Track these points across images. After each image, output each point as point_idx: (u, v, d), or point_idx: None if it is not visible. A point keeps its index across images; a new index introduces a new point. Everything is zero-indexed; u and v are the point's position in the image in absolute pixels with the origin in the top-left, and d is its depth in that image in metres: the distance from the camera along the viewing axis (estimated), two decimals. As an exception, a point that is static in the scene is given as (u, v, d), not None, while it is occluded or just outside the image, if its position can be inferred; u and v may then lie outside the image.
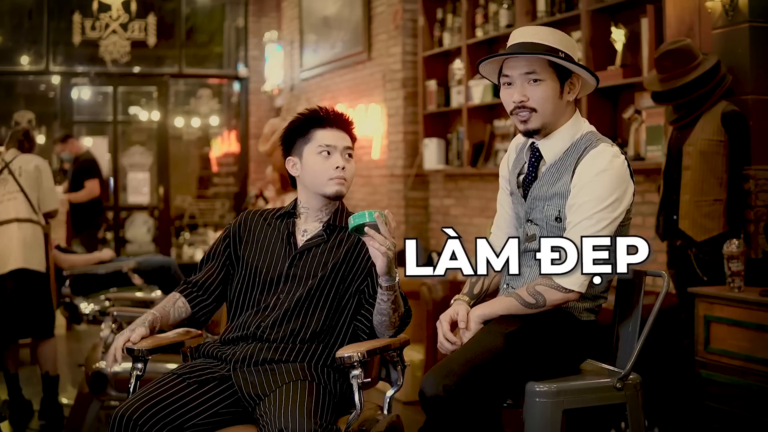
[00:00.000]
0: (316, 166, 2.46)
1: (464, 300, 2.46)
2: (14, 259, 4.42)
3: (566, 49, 2.34)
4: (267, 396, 2.26)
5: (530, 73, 2.33)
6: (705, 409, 3.20)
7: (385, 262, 2.25)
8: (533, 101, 2.35)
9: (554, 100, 2.35)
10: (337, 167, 2.44)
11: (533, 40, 2.33)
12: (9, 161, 4.61)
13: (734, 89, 3.46)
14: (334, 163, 2.45)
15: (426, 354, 4.99)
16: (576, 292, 2.26)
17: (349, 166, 2.48)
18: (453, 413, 2.15)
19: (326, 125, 2.48)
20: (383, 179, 6.84)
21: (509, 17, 5.35)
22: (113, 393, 3.40)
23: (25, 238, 4.46)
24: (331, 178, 2.45)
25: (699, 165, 3.41)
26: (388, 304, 2.33)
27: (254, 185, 9.20)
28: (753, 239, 3.35)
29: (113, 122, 10.14)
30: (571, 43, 2.37)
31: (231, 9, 10.34)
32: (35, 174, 4.60)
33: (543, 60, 2.32)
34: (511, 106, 2.38)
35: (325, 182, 2.46)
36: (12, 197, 4.51)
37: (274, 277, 2.44)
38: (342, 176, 2.45)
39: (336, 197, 2.48)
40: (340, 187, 2.46)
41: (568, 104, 2.38)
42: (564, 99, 2.37)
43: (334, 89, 7.88)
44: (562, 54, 2.31)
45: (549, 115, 2.37)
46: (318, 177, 2.46)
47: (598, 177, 2.27)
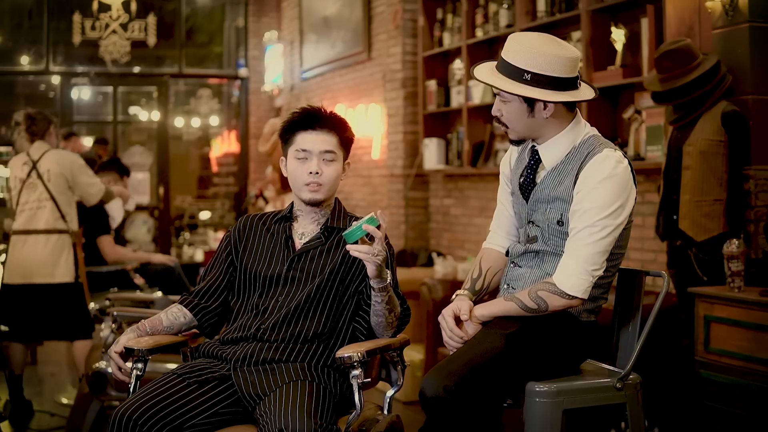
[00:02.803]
0: (294, 170, 2.45)
1: (466, 295, 2.46)
2: (40, 273, 4.41)
3: (543, 69, 2.26)
4: (267, 396, 2.26)
5: (499, 94, 2.36)
6: (705, 409, 3.20)
7: (375, 267, 2.25)
8: (504, 118, 2.38)
9: (523, 119, 2.35)
10: (310, 172, 2.41)
11: (509, 58, 2.31)
12: (37, 159, 4.56)
13: (734, 89, 3.46)
14: (308, 168, 2.42)
15: (426, 354, 4.99)
16: (579, 299, 2.27)
17: (327, 170, 2.43)
18: (453, 414, 2.15)
19: (308, 128, 2.44)
20: (383, 179, 6.84)
21: (509, 17, 5.35)
22: (113, 393, 3.39)
23: (52, 250, 4.42)
24: (306, 183, 2.43)
25: (699, 165, 3.41)
26: (383, 305, 2.33)
27: (254, 185, 9.20)
28: (753, 239, 3.35)
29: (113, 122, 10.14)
30: (553, 61, 2.27)
31: (231, 9, 10.34)
32: (63, 177, 4.51)
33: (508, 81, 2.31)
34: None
35: (301, 187, 2.44)
36: (41, 206, 4.45)
37: (273, 281, 2.44)
38: (316, 182, 2.42)
39: (311, 203, 2.46)
40: (314, 194, 2.43)
41: (554, 117, 2.34)
42: (538, 117, 2.34)
43: (334, 89, 7.88)
44: (528, 76, 2.27)
45: (523, 130, 2.38)
46: (294, 181, 2.46)
47: (602, 184, 2.26)
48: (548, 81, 2.28)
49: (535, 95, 2.28)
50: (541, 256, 2.39)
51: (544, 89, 2.28)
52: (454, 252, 6.16)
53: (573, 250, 2.28)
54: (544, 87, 2.28)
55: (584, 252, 2.26)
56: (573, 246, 2.28)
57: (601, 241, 2.26)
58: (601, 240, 2.26)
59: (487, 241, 2.61)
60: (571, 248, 2.28)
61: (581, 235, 2.27)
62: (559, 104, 2.32)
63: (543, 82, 2.28)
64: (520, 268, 2.44)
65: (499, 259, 2.55)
